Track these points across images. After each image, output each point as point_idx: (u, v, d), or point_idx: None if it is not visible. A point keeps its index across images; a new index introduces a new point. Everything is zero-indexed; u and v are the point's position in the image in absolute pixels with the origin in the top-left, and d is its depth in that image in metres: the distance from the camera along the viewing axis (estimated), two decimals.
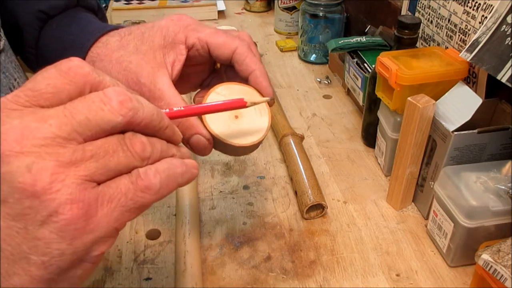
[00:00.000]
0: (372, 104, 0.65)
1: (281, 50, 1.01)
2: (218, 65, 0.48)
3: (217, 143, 0.39)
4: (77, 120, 0.24)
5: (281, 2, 1.05)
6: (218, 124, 0.39)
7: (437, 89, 0.54)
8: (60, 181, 0.23)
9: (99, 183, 0.25)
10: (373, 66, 0.60)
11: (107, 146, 0.25)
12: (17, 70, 0.43)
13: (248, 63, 0.41)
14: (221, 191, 0.61)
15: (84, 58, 0.42)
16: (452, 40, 0.60)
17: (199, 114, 0.38)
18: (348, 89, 0.81)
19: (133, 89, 0.38)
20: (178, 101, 0.39)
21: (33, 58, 0.48)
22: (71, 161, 0.23)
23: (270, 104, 0.42)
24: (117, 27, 0.45)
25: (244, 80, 0.42)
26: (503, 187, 0.45)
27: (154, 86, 0.39)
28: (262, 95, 0.41)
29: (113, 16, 1.12)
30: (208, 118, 0.39)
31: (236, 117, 0.40)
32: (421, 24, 0.65)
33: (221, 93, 0.40)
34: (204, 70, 0.47)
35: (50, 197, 0.23)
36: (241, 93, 0.41)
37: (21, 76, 0.44)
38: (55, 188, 0.23)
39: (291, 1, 1.05)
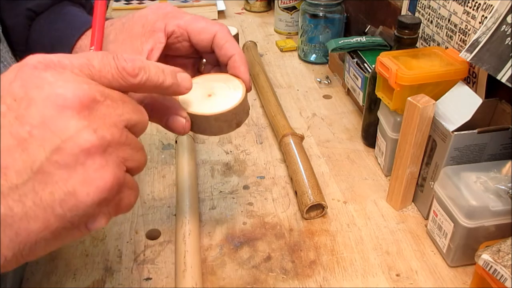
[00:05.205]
0: (372, 104, 0.65)
1: (281, 50, 1.01)
2: (203, 67, 0.48)
3: (194, 122, 0.39)
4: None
5: (281, 2, 1.05)
6: (192, 104, 0.39)
7: (437, 89, 0.54)
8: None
9: None
10: (373, 66, 0.60)
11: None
12: (14, 60, 0.44)
13: (228, 47, 0.41)
14: (221, 191, 0.61)
15: (70, 52, 0.43)
16: (452, 40, 0.60)
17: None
18: (348, 89, 0.81)
19: None
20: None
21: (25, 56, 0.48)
22: None
23: (248, 89, 0.42)
24: None
25: (225, 67, 0.43)
26: (503, 187, 0.45)
27: None
28: (240, 79, 0.42)
29: (113, 16, 1.11)
30: (181, 98, 0.39)
31: (209, 95, 0.41)
32: (421, 24, 0.65)
33: (196, 81, 0.41)
34: (186, 66, 0.47)
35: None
36: (216, 79, 0.42)
37: None
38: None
39: (291, 1, 1.05)
